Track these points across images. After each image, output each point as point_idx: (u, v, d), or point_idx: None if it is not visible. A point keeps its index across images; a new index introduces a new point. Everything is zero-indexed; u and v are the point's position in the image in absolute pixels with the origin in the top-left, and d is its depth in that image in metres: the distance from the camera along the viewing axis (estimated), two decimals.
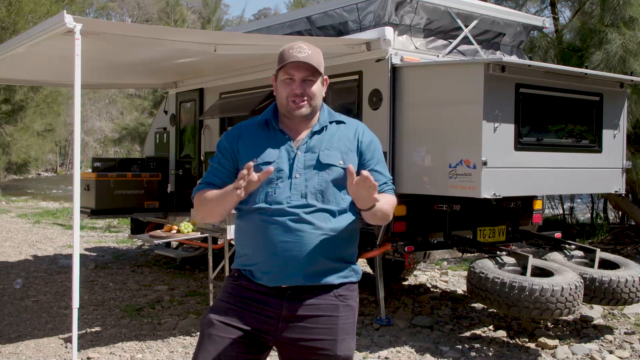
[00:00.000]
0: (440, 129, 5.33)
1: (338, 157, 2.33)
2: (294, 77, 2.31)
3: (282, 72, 2.32)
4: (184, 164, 8.57)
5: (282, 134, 2.37)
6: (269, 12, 52.87)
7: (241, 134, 2.42)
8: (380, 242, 5.62)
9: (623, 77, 6.02)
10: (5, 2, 19.33)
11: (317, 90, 2.34)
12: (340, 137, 2.38)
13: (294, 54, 2.30)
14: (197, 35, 6.12)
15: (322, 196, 2.30)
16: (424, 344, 5.25)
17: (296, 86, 2.31)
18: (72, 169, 12.76)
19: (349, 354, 2.35)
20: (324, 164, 2.31)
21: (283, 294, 2.29)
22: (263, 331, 2.29)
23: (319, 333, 2.29)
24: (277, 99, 2.38)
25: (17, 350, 5.10)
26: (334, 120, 2.42)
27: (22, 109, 21.46)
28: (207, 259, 6.13)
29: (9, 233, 12.45)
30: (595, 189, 6.82)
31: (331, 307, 2.31)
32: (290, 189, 2.29)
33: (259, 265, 2.30)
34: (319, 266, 2.28)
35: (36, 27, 4.95)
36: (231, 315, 2.31)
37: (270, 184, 2.30)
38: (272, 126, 2.39)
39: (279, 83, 2.36)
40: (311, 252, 2.26)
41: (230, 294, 2.36)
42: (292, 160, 2.32)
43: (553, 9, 10.93)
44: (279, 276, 2.28)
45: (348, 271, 2.37)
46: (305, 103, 2.32)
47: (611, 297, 5.26)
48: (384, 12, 5.82)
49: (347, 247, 2.37)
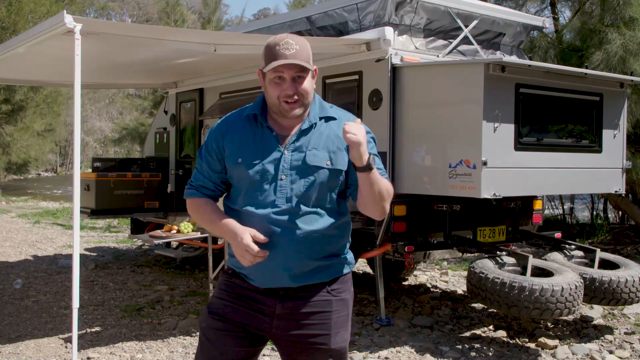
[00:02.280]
0: (440, 129, 5.33)
1: (325, 158, 2.26)
2: (283, 75, 2.21)
3: (271, 72, 2.22)
4: (184, 164, 8.57)
5: (269, 131, 2.29)
6: (268, 12, 52.89)
7: (227, 131, 2.33)
8: (380, 242, 5.62)
9: (623, 77, 6.02)
10: (5, 2, 19.33)
11: (309, 86, 2.24)
12: (329, 135, 2.29)
13: (281, 52, 2.18)
14: (197, 35, 6.12)
15: (308, 199, 2.25)
16: (424, 344, 5.25)
17: (287, 86, 2.21)
18: (72, 169, 12.76)
19: (343, 345, 2.37)
20: (310, 165, 2.24)
21: (276, 294, 2.30)
22: (258, 328, 2.32)
23: (313, 328, 2.30)
24: (267, 98, 2.29)
25: (17, 350, 5.10)
26: (324, 116, 2.32)
27: (22, 109, 21.46)
28: (207, 259, 6.13)
29: (9, 233, 12.45)
30: (595, 189, 6.82)
31: (324, 302, 2.32)
32: (276, 192, 2.23)
33: (249, 270, 2.30)
34: (308, 268, 2.28)
35: (36, 27, 4.95)
36: (227, 311, 2.33)
37: (255, 185, 2.26)
38: (259, 122, 2.31)
39: (267, 82, 2.26)
40: (299, 256, 2.24)
41: (225, 291, 2.38)
42: (278, 161, 2.25)
43: (553, 9, 10.93)
44: (269, 280, 2.29)
45: (339, 265, 2.36)
46: (298, 102, 2.23)
47: (611, 297, 5.26)
48: (384, 12, 5.82)
49: (337, 242, 2.34)
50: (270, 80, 2.25)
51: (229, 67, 7.22)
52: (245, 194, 2.29)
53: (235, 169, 2.30)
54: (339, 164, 2.28)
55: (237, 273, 2.36)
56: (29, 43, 4.94)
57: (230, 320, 2.32)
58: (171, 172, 8.77)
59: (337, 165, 2.28)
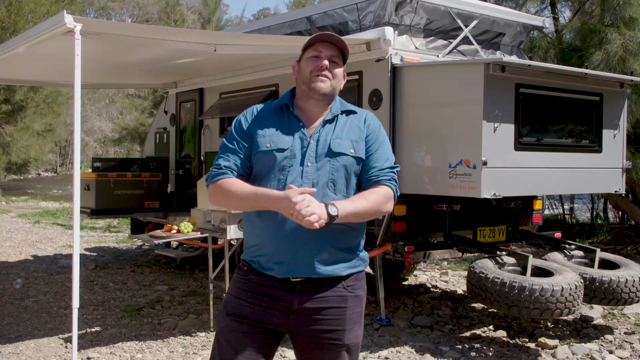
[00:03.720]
0: (440, 129, 5.33)
1: (349, 146, 2.35)
2: (321, 54, 2.35)
3: (310, 50, 2.36)
4: (184, 164, 8.57)
5: (296, 120, 2.38)
6: (268, 12, 52.86)
7: (257, 117, 2.41)
8: (380, 242, 5.62)
9: (623, 77, 6.02)
10: (5, 2, 19.34)
11: (339, 73, 2.38)
12: (351, 126, 2.40)
13: (323, 35, 2.35)
14: (197, 35, 6.12)
15: (333, 185, 2.32)
16: (424, 344, 5.25)
17: (322, 61, 2.34)
18: (72, 169, 12.76)
19: (356, 341, 2.42)
20: (335, 152, 2.32)
21: (293, 288, 2.32)
22: (275, 324, 2.34)
23: (329, 324, 2.34)
24: (299, 77, 2.40)
25: (17, 350, 5.10)
26: (345, 110, 2.44)
27: (22, 109, 21.47)
28: (207, 259, 6.13)
29: (9, 233, 12.45)
30: (595, 189, 6.82)
31: (340, 298, 2.35)
32: (302, 177, 2.29)
33: (270, 256, 2.31)
34: (329, 256, 2.31)
35: (36, 27, 4.94)
36: (244, 311, 2.35)
37: (283, 170, 2.31)
38: (287, 111, 2.40)
39: (303, 61, 2.38)
40: (321, 241, 2.28)
41: (241, 289, 2.39)
42: (305, 148, 2.32)
43: (553, 9, 10.93)
44: (289, 267, 2.29)
45: (355, 260, 2.40)
46: (328, 79, 2.34)
47: (611, 297, 5.26)
48: (384, 12, 5.82)
49: (355, 236, 2.39)
50: (307, 58, 2.38)
51: (229, 67, 7.22)
52: (271, 179, 2.33)
53: (262, 154, 2.34)
54: (361, 152, 2.37)
55: (254, 268, 2.37)
56: (29, 43, 4.93)
57: (248, 320, 2.33)
58: (171, 172, 8.77)
59: (359, 154, 2.37)
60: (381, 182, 2.36)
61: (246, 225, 2.44)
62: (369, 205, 2.28)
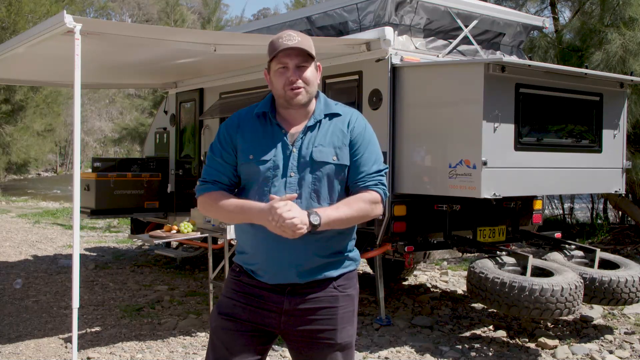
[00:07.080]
0: (440, 129, 5.33)
1: (332, 154, 2.32)
2: (287, 65, 2.29)
3: (275, 62, 2.31)
4: (184, 164, 8.57)
5: (278, 128, 2.36)
6: (268, 12, 52.89)
7: (240, 125, 2.40)
8: (380, 242, 5.62)
9: (623, 77, 6.02)
10: (5, 2, 19.34)
11: (312, 75, 2.33)
12: (334, 131, 2.36)
13: (283, 43, 2.27)
14: (197, 35, 6.12)
15: (316, 195, 2.31)
16: (424, 344, 5.25)
17: (291, 74, 2.29)
18: (72, 169, 12.75)
19: (349, 340, 2.41)
20: (317, 161, 2.30)
21: (283, 290, 2.33)
22: (267, 324, 2.36)
23: (321, 324, 2.35)
24: (273, 90, 2.37)
25: (17, 350, 5.10)
26: (328, 113, 2.39)
27: (22, 109, 21.47)
28: (207, 259, 6.13)
29: (9, 233, 12.45)
30: (595, 189, 6.82)
31: (331, 298, 2.36)
32: (285, 188, 2.29)
33: (260, 265, 2.35)
34: (316, 264, 2.32)
35: (36, 27, 4.94)
36: (236, 310, 2.37)
37: (267, 182, 2.31)
38: (269, 119, 2.38)
39: (272, 74, 2.34)
40: (307, 252, 2.29)
41: (233, 290, 2.41)
42: (287, 159, 2.31)
43: (553, 9, 10.93)
44: (277, 276, 2.32)
45: (346, 261, 2.41)
46: (302, 90, 2.31)
47: (611, 297, 5.26)
48: (384, 12, 5.82)
49: (344, 239, 2.39)
50: (275, 72, 2.33)
51: (229, 67, 7.22)
52: (256, 190, 2.33)
53: (246, 166, 2.35)
54: (344, 159, 2.34)
55: (245, 270, 2.39)
56: (29, 43, 4.93)
57: (240, 320, 2.36)
58: (171, 172, 8.77)
59: (343, 161, 2.34)
60: (369, 187, 2.35)
61: (237, 230, 2.46)
62: (353, 213, 2.29)
